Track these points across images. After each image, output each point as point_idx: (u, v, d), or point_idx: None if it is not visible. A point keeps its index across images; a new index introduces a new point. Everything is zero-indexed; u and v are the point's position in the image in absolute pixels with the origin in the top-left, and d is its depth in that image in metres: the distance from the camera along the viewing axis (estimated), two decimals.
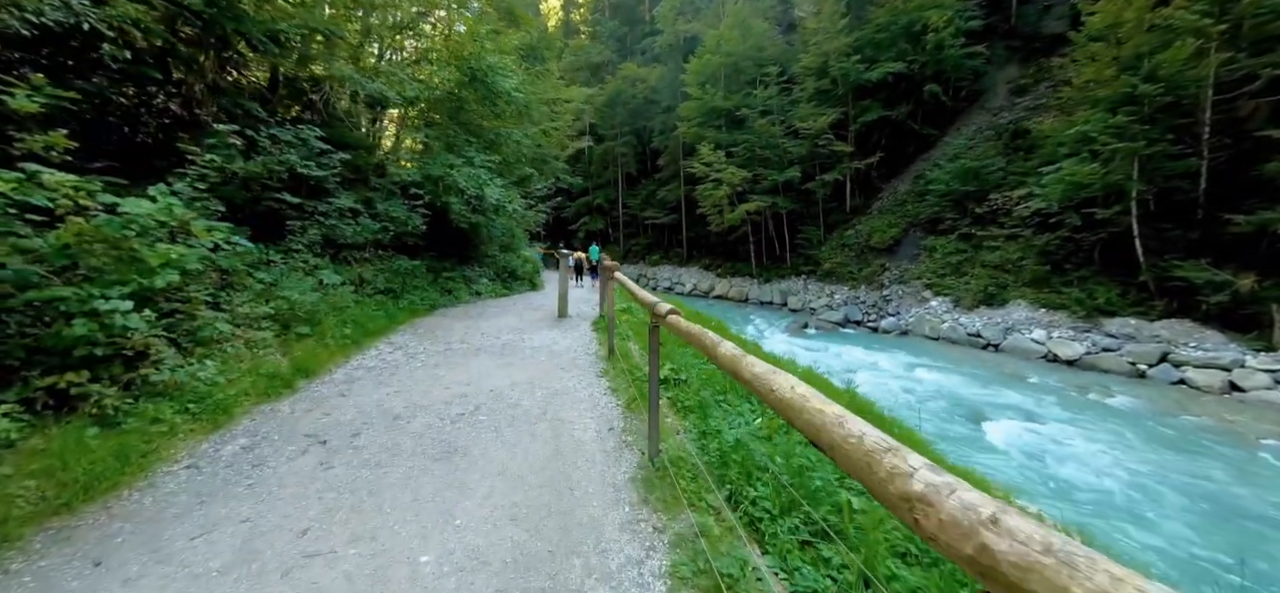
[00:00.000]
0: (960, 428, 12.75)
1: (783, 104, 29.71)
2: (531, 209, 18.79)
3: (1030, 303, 20.33)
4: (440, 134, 13.48)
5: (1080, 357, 17.39)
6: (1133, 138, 17.27)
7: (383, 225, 10.04)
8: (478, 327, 9.27)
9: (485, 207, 12.16)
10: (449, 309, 11.10)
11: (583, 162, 42.68)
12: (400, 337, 8.25)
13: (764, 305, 29.02)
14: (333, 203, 8.95)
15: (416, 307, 10.17)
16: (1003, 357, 18.94)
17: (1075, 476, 10.05)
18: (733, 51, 31.80)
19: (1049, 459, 10.83)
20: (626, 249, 42.24)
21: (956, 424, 13.04)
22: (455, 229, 12.45)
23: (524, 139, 14.67)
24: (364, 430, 4.57)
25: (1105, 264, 19.47)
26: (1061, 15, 31.14)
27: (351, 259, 9.54)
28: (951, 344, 20.72)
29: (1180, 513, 8.74)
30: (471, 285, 13.44)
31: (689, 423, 4.59)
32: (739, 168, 28.14)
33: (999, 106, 29.25)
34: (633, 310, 10.87)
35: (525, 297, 14.56)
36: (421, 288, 11.03)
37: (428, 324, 9.34)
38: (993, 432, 12.33)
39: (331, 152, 8.81)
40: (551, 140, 29.03)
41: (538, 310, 11.47)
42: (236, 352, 5.60)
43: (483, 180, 11.13)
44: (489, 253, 15.29)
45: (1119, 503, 9.04)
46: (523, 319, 10.17)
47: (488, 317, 10.47)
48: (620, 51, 47.38)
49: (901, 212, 27.56)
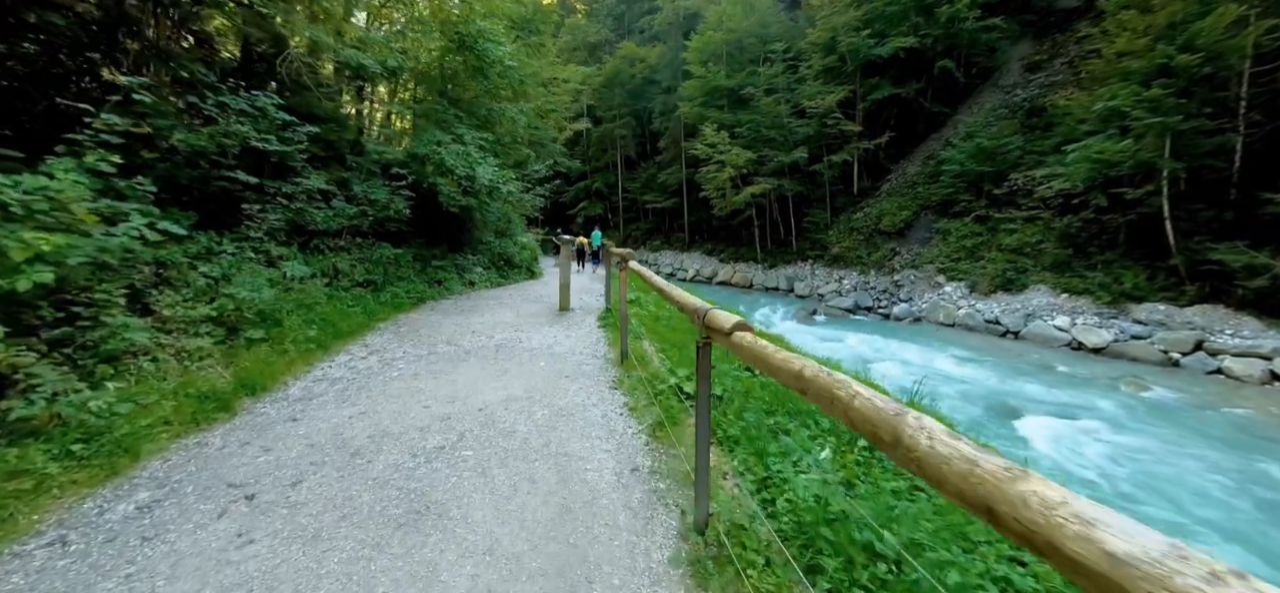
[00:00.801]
0: (995, 424, 11.73)
1: (788, 82, 28.30)
2: (529, 192, 17.53)
3: (1051, 288, 19.26)
4: (428, 110, 12.20)
5: (1108, 344, 16.34)
6: (1167, 112, 16.05)
7: (361, 210, 8.82)
8: (469, 324, 8.10)
9: (478, 189, 10.93)
10: (438, 302, 9.92)
11: (581, 144, 41.22)
12: (378, 337, 7.07)
13: (769, 291, 27.89)
14: (300, 184, 7.72)
15: (401, 300, 8.99)
16: (1024, 345, 17.89)
17: (1127, 477, 9.05)
18: (735, 28, 30.30)
19: (1096, 459, 9.84)
20: (626, 234, 40.94)
21: (990, 419, 12.02)
22: (445, 214, 11.22)
23: (519, 116, 13.38)
24: (309, 475, 3.43)
25: (1131, 247, 18.36)
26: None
27: (324, 248, 8.33)
28: (968, 331, 19.67)
29: (1248, 517, 7.76)
30: (464, 275, 12.24)
31: (737, 461, 3.45)
32: (743, 149, 26.81)
33: (1012, 84, 27.95)
34: (642, 302, 9.71)
35: (523, 286, 13.38)
36: (407, 279, 9.83)
37: (412, 321, 8.17)
38: (1031, 429, 11.32)
39: (297, 124, 7.56)
40: (549, 121, 27.69)
41: (537, 303, 10.30)
42: (161, 367, 4.43)
43: (474, 159, 9.89)
44: (483, 239, 14.07)
45: (1188, 508, 8.03)
46: (520, 313, 9.00)
47: (481, 311, 9.30)
48: (618, 30, 45.64)
49: (912, 194, 26.35)
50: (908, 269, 23.87)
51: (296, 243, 7.75)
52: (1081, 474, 9.05)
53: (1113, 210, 18.22)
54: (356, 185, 8.86)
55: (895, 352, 17.46)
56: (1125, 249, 18.43)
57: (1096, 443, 10.39)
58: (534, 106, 15.73)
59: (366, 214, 8.91)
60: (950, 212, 23.90)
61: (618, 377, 5.45)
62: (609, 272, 9.83)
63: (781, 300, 26.11)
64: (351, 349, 6.42)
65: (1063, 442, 10.67)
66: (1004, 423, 11.79)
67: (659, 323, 8.02)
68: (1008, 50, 28.72)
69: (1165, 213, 17.05)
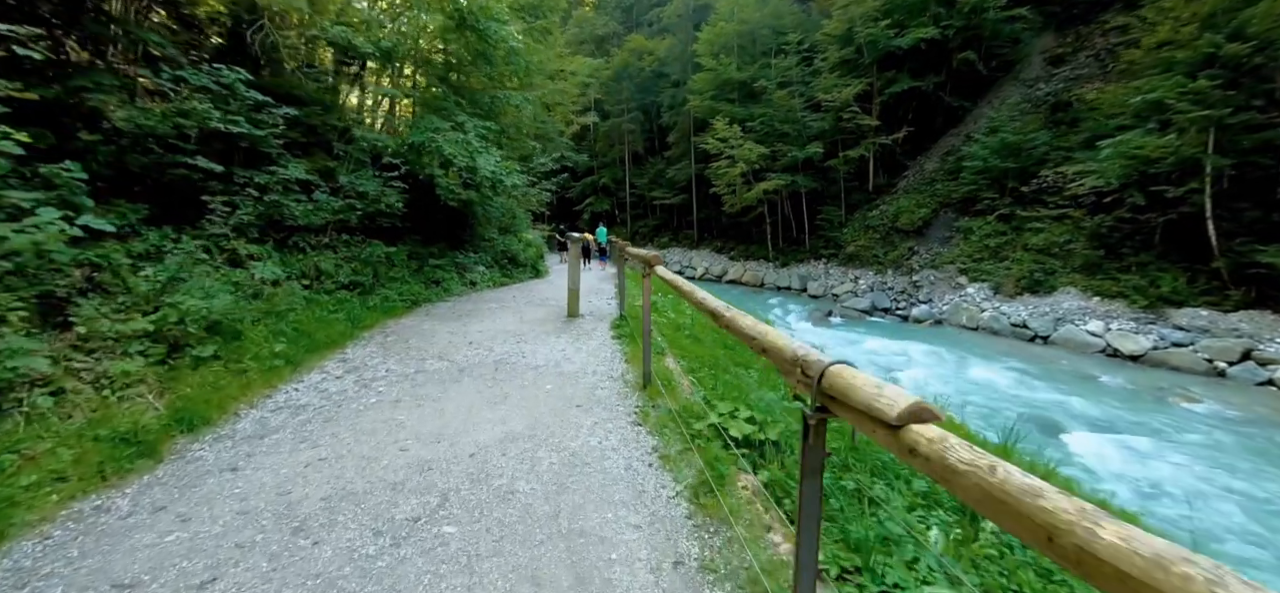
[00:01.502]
0: (1041, 440, 10.66)
1: (803, 75, 27.13)
2: (534, 187, 16.53)
3: (1081, 291, 18.14)
4: (428, 98, 11.22)
5: (1146, 352, 15.24)
6: (1215, 105, 14.88)
7: (348, 203, 7.83)
8: (466, 331, 7.11)
9: (479, 182, 9.94)
10: (434, 306, 8.93)
11: (588, 139, 40.13)
12: (360, 349, 6.09)
13: (781, 291, 26.81)
14: (276, 173, 6.74)
15: (392, 304, 8.00)
16: (1055, 350, 16.80)
17: (1191, 503, 8.01)
18: (748, 19, 29.12)
19: (1154, 482, 8.83)
20: (633, 230, 39.87)
21: (1033, 435, 10.98)
22: (444, 208, 10.23)
23: (525, 106, 12.35)
24: (227, 569, 2.44)
25: (1168, 249, 17.22)
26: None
27: (305, 246, 7.36)
28: (993, 335, 18.58)
29: None
30: (465, 275, 11.26)
31: (823, 553, 2.45)
32: (756, 144, 25.70)
33: (1035, 77, 26.70)
34: (658, 305, 8.69)
35: (527, 287, 12.39)
36: (400, 280, 8.85)
37: (402, 328, 7.18)
38: (1086, 450, 10.28)
39: (273, 106, 6.58)
40: (556, 114, 26.65)
41: (542, 307, 9.30)
42: (68, 400, 3.46)
43: (474, 149, 8.88)
44: (486, 236, 13.08)
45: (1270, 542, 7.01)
46: (524, 320, 8.00)
47: (481, 315, 8.31)
48: (626, 23, 44.44)
49: (930, 191, 25.19)
50: (927, 269, 22.75)
51: (272, 240, 6.77)
52: (1159, 510, 8.01)
53: (1149, 210, 17.05)
54: (343, 176, 7.87)
55: (919, 357, 16.41)
56: (1161, 250, 17.30)
57: (1161, 467, 9.35)
58: (540, 95, 14.70)
59: (354, 208, 7.92)
60: (972, 210, 22.75)
61: (641, 407, 4.44)
62: (622, 272, 8.84)
63: (794, 300, 25.04)
64: (327, 365, 5.44)
65: (1125, 466, 9.64)
66: (1055, 442, 10.75)
67: (681, 332, 7.01)
68: (1030, 43, 27.44)
69: (1207, 212, 15.91)
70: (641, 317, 5.15)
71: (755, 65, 29.35)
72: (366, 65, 10.98)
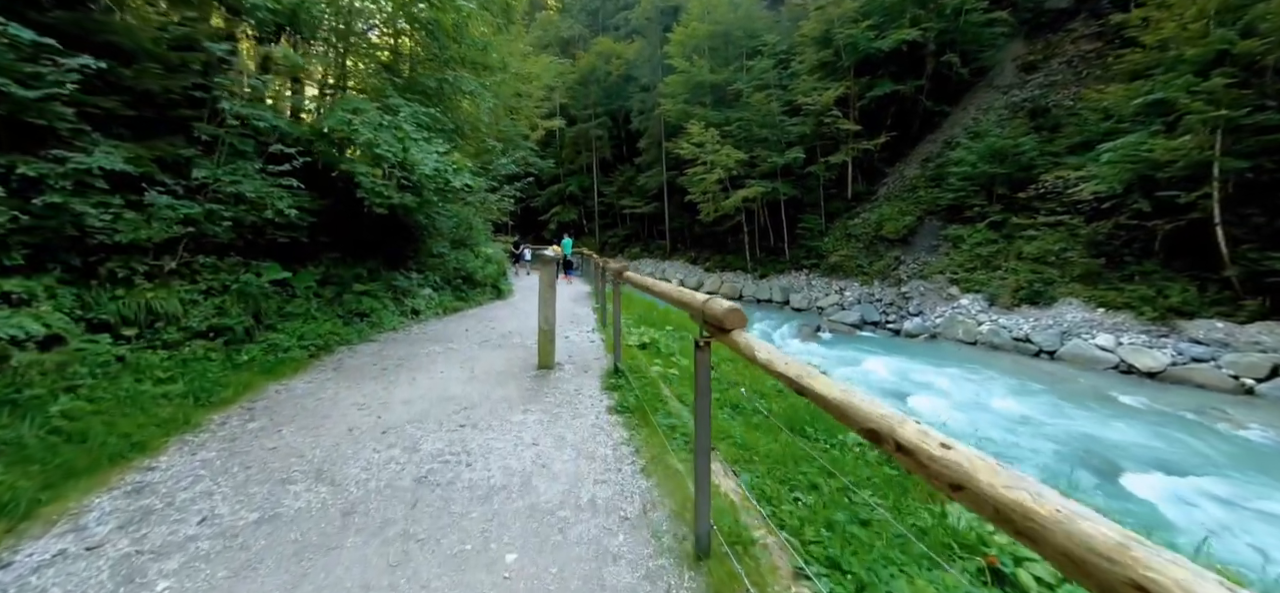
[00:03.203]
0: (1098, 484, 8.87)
1: (779, 78, 25.42)
2: (495, 192, 13.96)
3: (1084, 302, 16.78)
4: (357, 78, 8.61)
5: (1165, 368, 13.82)
6: (1228, 105, 13.68)
7: (208, 207, 5.19)
8: (385, 402, 4.58)
9: (419, 181, 7.38)
10: (352, 352, 6.31)
11: (553, 145, 37.53)
12: (182, 458, 3.45)
13: (762, 304, 24.85)
14: (68, 163, 4.08)
15: (281, 357, 5.36)
16: (1063, 366, 15.28)
17: None
18: (721, 20, 27.26)
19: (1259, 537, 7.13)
20: (603, 241, 37.44)
21: (1086, 475, 9.18)
22: (376, 217, 7.62)
23: (482, 94, 9.83)
24: None
25: (1171, 257, 16.03)
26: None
27: (133, 275, 4.68)
28: (994, 350, 17.03)
29: None
30: (405, 301, 8.64)
31: None
32: (735, 149, 23.75)
33: (1008, 84, 25.85)
34: (660, 347, 6.33)
35: (486, 314, 9.83)
36: (302, 316, 6.20)
37: (283, 401, 4.58)
38: (1147, 491, 8.60)
39: (65, 53, 3.95)
40: (520, 117, 24.08)
41: (503, 347, 6.81)
42: None
43: (406, 137, 6.35)
44: (434, 251, 10.44)
45: None
46: (476, 373, 5.49)
47: (416, 365, 5.77)
48: (592, 26, 42.07)
49: (913, 198, 23.78)
50: (915, 280, 21.20)
51: (57, 270, 4.09)
52: (1221, 549, 6.21)
53: (1155, 216, 15.80)
54: (203, 170, 5.21)
55: (921, 377, 14.61)
56: (1164, 259, 16.09)
57: (1215, 503, 7.70)
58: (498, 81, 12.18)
59: (220, 216, 5.27)
60: (961, 217, 21.36)
61: None
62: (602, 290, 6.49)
63: (777, 314, 23.11)
64: (88, 507, 2.85)
65: (1198, 513, 7.90)
66: (1108, 482, 8.95)
67: None
68: (1004, 48, 26.62)
69: (1216, 218, 14.72)
70: (648, 374, 2.78)
71: (730, 68, 27.51)
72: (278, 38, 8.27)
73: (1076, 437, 10.77)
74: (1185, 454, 9.88)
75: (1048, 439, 10.61)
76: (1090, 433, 10.96)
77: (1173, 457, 9.81)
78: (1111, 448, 10.26)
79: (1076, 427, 11.32)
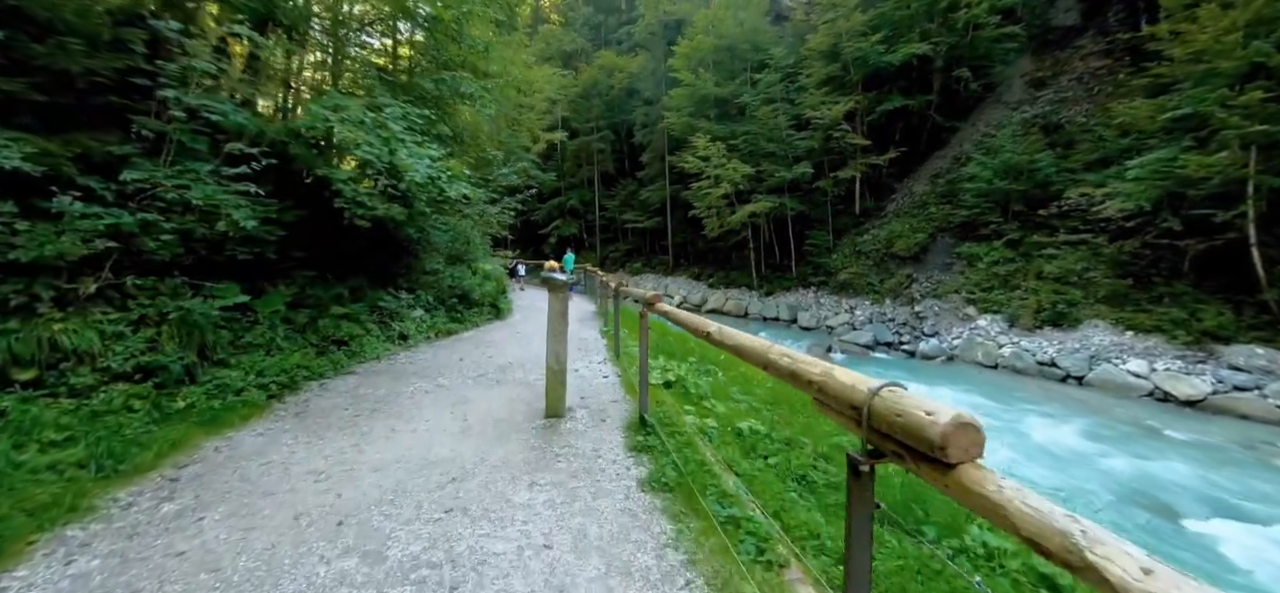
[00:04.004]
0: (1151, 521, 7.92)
1: (786, 92, 24.65)
2: (495, 204, 12.96)
3: (1111, 324, 15.83)
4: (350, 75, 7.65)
5: (1205, 397, 12.84)
6: (1266, 120, 12.87)
7: (141, 218, 4.17)
8: (349, 469, 3.53)
9: (408, 189, 6.38)
10: (325, 388, 5.27)
11: (555, 159, 36.69)
12: (43, 571, 2.41)
13: (768, 322, 23.83)
14: None
15: (228, 401, 4.30)
16: (1093, 393, 14.28)
17: None
18: (726, 34, 26.56)
19: None
20: (604, 255, 36.46)
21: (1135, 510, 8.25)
22: (357, 230, 6.60)
23: (483, 96, 8.88)
24: None
25: (1202, 278, 15.14)
26: (1068, 7, 27.71)
27: (36, 303, 3.65)
28: (1017, 375, 16.03)
29: None
30: (392, 325, 7.60)
31: None
32: (742, 163, 22.90)
33: (1017, 100, 25.17)
34: (687, 385, 5.31)
35: (483, 339, 8.79)
36: (265, 347, 5.16)
37: (220, 463, 3.53)
38: (1204, 534, 7.66)
39: None
40: (521, 129, 23.22)
41: (503, 384, 5.77)
42: None
43: (391, 137, 5.37)
44: (428, 268, 9.42)
45: None
46: (469, 423, 4.45)
47: (395, 411, 4.72)
48: (595, 40, 41.44)
49: (924, 214, 22.93)
50: (929, 299, 20.26)
51: None
52: None
53: (1187, 235, 14.93)
54: (139, 171, 4.20)
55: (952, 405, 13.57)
56: (1195, 279, 15.20)
57: None
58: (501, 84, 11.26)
59: (160, 228, 4.25)
60: (975, 234, 20.48)
61: None
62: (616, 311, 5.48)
63: (785, 333, 22.09)
64: None
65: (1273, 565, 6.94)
66: (1169, 526, 7.99)
67: (766, 460, 3.64)
68: (1012, 64, 26.01)
69: (1252, 239, 13.86)
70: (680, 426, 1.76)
71: (735, 81, 26.77)
72: None
73: (1127, 474, 9.78)
74: (1245, 496, 8.90)
75: (1098, 477, 9.60)
76: (1141, 470, 9.97)
77: (1232, 499, 8.83)
78: (1166, 488, 9.26)
79: (1124, 463, 10.31)
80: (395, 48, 10.51)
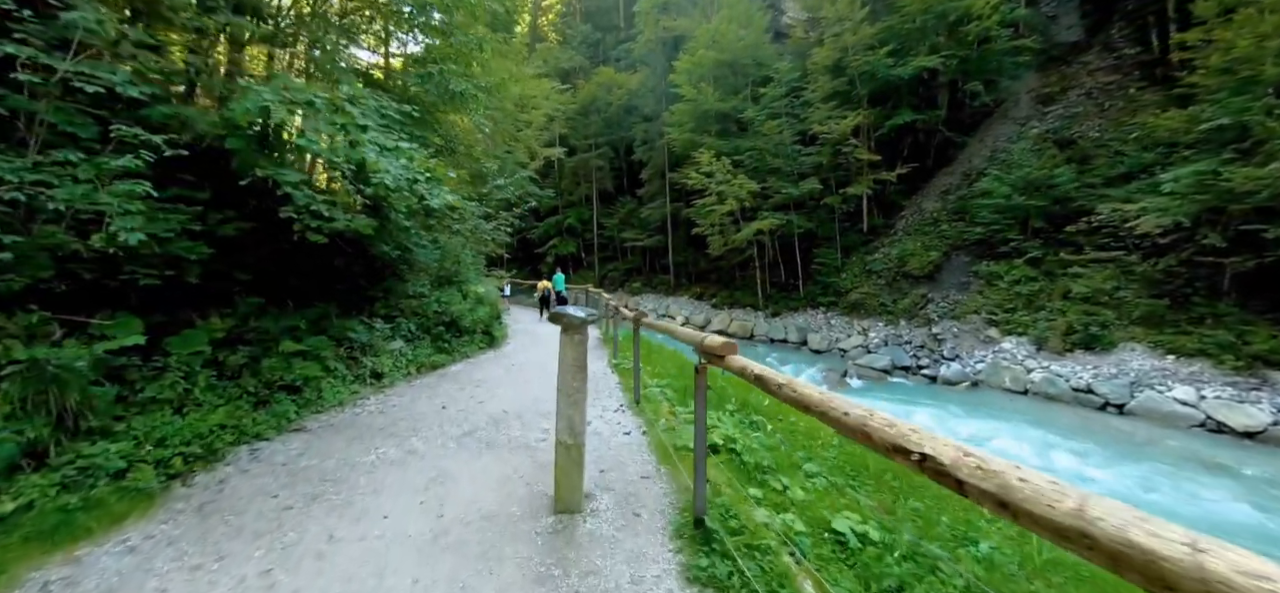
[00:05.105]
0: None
1: (790, 107, 23.66)
2: (490, 220, 11.66)
3: (1149, 347, 14.61)
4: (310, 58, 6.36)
5: (1265, 428, 11.60)
6: None
7: None
8: None
9: (377, 193, 5.06)
10: (256, 456, 3.89)
11: (552, 176, 35.54)
12: None
13: (776, 344, 22.50)
14: None
15: (91, 494, 2.93)
16: (1138, 423, 12.98)
17: None
18: (729, 48, 25.66)
19: None
20: (603, 274, 35.14)
21: None
22: (320, 247, 5.25)
23: (475, 93, 7.61)
24: None
25: (1247, 297, 13.99)
26: (1072, 24, 27.12)
27: None
28: (1049, 401, 14.73)
29: None
30: (364, 360, 6.22)
31: None
32: (748, 179, 21.78)
33: (1025, 115, 24.30)
34: (741, 449, 3.96)
35: (472, 374, 7.40)
36: (171, 404, 3.78)
37: None
38: None
39: None
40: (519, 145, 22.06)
41: (495, 449, 4.40)
42: None
43: (351, 121, 4.07)
44: (412, 291, 8.05)
45: None
46: (448, 512, 3.07)
47: (345, 492, 3.34)
48: (593, 58, 40.60)
49: (937, 232, 21.83)
50: (947, 320, 19.03)
51: None
52: None
53: (1228, 251, 13.81)
54: None
55: (981, 436, 12.27)
56: (1239, 299, 14.04)
57: None
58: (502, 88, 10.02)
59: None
60: (994, 253, 19.36)
61: None
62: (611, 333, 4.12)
63: (794, 355, 20.76)
64: None
65: None
66: None
67: None
68: (1021, 79, 25.23)
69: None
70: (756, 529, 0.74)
71: (737, 97, 25.80)
72: None
73: (1206, 520, 8.47)
74: None
75: (1178, 523, 8.19)
76: (1221, 515, 8.66)
77: None
78: (1254, 537, 7.96)
79: (1199, 506, 9.01)
80: (387, 59, 9.31)
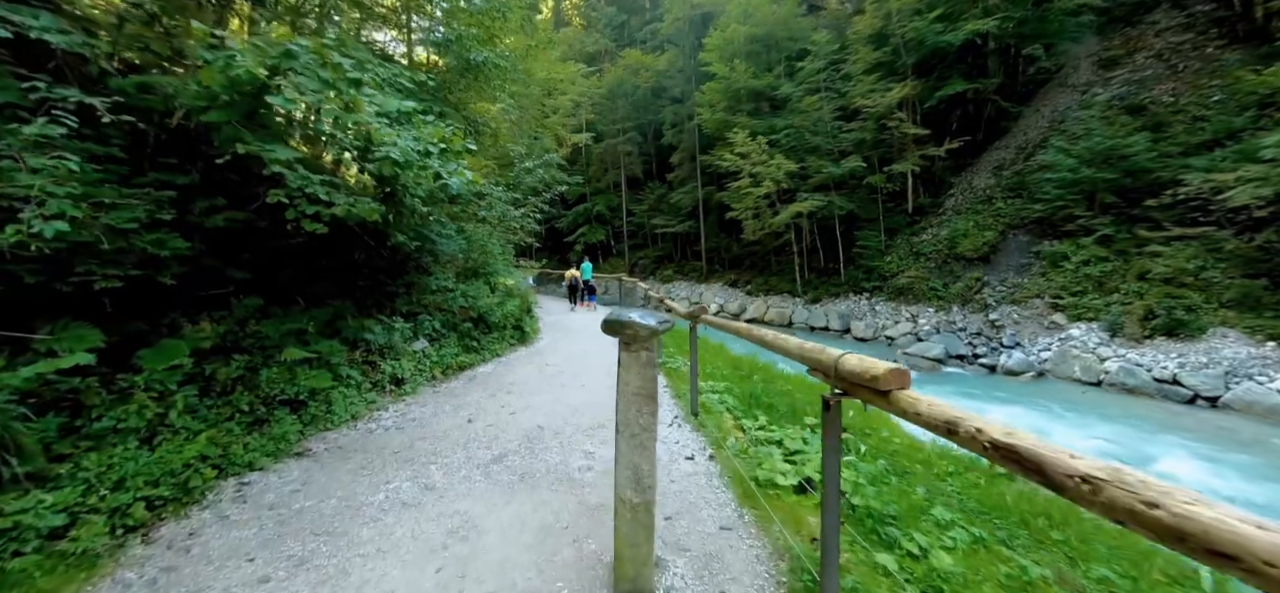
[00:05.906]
0: None
1: (831, 80, 22.11)
2: (520, 207, 10.87)
3: (1243, 333, 12.92)
4: None
5: None
6: None
7: None
8: None
9: (394, 179, 4.26)
10: (242, 496, 3.19)
11: (579, 163, 34.67)
12: None
13: (816, 331, 21.25)
14: None
15: (22, 564, 2.26)
16: (1237, 418, 11.43)
17: None
18: (763, 22, 24.16)
19: None
20: (633, 262, 34.24)
21: None
22: (332, 239, 4.52)
23: (497, 63, 6.75)
24: None
25: None
26: None
27: None
28: (1128, 393, 13.20)
29: None
30: (383, 364, 5.50)
31: None
32: (785, 158, 20.45)
33: (1086, 81, 22.13)
34: (868, 499, 3.02)
35: (503, 378, 6.64)
36: (137, 433, 3.09)
37: None
38: None
39: None
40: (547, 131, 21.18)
41: (530, 478, 3.59)
42: None
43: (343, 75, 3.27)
44: (435, 286, 7.33)
45: None
46: (470, 587, 2.31)
47: (332, 560, 2.59)
48: (619, 41, 39.38)
49: (991, 210, 20.12)
50: (1006, 305, 17.47)
51: None
52: None
53: None
54: None
55: (1057, 433, 10.95)
56: None
57: None
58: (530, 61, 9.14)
59: None
60: (1058, 232, 17.65)
61: None
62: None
63: (838, 345, 19.51)
64: None
65: None
66: None
67: None
68: (1081, 42, 23.01)
69: None
70: None
71: (771, 73, 24.34)
72: None
73: None
74: None
75: None
76: None
77: None
78: None
79: None
80: (410, 47, 8.53)
